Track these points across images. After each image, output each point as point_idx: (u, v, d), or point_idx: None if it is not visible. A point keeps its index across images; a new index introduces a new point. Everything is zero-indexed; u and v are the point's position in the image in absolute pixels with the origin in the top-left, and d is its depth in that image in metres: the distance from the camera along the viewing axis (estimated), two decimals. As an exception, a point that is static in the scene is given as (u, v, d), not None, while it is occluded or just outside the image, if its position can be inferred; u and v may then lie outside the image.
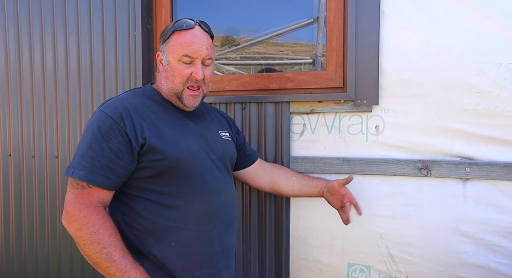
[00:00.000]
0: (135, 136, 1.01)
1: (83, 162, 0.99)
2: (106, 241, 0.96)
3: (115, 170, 1.00)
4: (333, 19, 1.52)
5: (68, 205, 0.99)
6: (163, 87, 1.15)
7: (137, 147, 1.01)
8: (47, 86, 1.80)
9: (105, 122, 1.01)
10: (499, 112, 1.32)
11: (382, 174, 1.45)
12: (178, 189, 1.05)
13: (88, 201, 0.99)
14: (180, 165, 1.05)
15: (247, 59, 2.12)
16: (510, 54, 1.30)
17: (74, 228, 0.97)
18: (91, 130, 1.02)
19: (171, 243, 1.04)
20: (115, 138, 1.00)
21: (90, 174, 0.98)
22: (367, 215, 1.48)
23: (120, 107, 1.04)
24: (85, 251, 0.97)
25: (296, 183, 1.41)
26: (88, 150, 1.00)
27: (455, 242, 1.39)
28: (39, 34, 1.80)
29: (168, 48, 1.12)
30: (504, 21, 1.29)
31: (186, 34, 1.11)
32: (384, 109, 1.45)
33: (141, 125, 1.03)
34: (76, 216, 0.97)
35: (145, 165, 1.03)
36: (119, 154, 1.00)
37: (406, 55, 1.40)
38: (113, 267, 0.95)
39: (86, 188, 0.99)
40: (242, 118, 1.59)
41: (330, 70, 1.53)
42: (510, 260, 1.33)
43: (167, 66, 1.13)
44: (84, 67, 1.74)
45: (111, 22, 1.70)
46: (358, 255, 1.50)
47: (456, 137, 1.37)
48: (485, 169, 1.34)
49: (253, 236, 1.60)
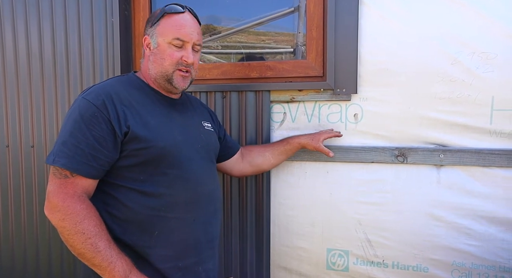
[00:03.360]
0: (118, 124, 0.99)
1: (64, 150, 0.96)
2: (91, 231, 0.93)
3: (99, 158, 0.98)
4: (313, 8, 1.53)
5: (50, 195, 0.96)
6: (151, 72, 1.12)
7: (120, 135, 0.99)
8: (20, 74, 1.74)
9: (88, 110, 0.98)
10: (471, 100, 1.37)
11: (361, 161, 1.48)
12: (162, 178, 1.04)
13: (72, 190, 0.96)
14: (165, 154, 1.04)
15: (228, 48, 2.11)
16: (483, 44, 1.34)
17: (58, 218, 0.94)
18: (73, 117, 0.99)
19: (155, 232, 1.03)
20: (98, 126, 0.98)
21: (73, 162, 0.96)
22: (346, 201, 1.51)
23: (103, 94, 1.01)
24: (69, 241, 0.94)
25: (271, 156, 1.44)
26: (70, 137, 0.97)
27: (429, 226, 1.44)
28: (11, 21, 1.73)
29: (158, 30, 1.10)
30: (478, 11, 1.33)
31: (177, 17, 1.10)
32: (362, 98, 1.47)
33: (124, 114, 1.01)
34: (60, 206, 0.94)
35: (129, 153, 1.01)
36: (102, 142, 0.98)
37: (384, 45, 1.43)
38: (98, 257, 0.93)
39: (69, 177, 0.96)
40: (222, 106, 1.59)
41: (310, 59, 1.54)
42: (480, 241, 1.39)
43: (155, 49, 1.11)
44: (60, 54, 1.69)
45: (87, 8, 1.65)
46: (337, 241, 1.54)
47: (431, 125, 1.41)
48: (457, 155, 1.39)
49: (234, 223, 1.62)
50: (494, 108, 1.35)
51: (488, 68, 1.34)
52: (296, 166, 1.56)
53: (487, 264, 1.40)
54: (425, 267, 1.46)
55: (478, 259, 1.40)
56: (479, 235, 1.39)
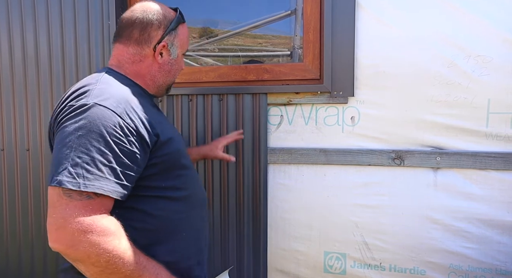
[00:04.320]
0: (147, 133, 0.90)
1: (93, 170, 0.81)
2: (131, 249, 0.83)
3: (130, 175, 0.86)
4: (310, 11, 1.53)
5: (69, 221, 0.78)
6: (159, 80, 1.08)
7: (150, 145, 0.91)
8: (16, 77, 1.73)
9: (110, 120, 0.84)
10: (468, 103, 1.37)
11: (357, 164, 1.48)
12: (178, 181, 1.01)
13: (99, 212, 0.82)
14: (179, 156, 1.02)
15: (225, 51, 2.11)
16: (479, 47, 1.34)
17: (90, 245, 0.78)
18: (93, 130, 0.83)
19: (183, 234, 1.02)
20: (126, 138, 0.85)
21: (108, 184, 0.82)
22: (343, 204, 1.51)
23: (120, 99, 0.89)
24: (109, 268, 0.80)
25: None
26: (97, 154, 0.82)
27: (426, 229, 1.44)
28: (6, 22, 1.73)
29: (179, 41, 1.08)
30: (474, 15, 1.34)
31: (186, 28, 1.11)
32: (359, 100, 1.47)
33: (147, 119, 0.92)
34: (92, 231, 0.78)
35: (154, 161, 0.93)
36: (132, 157, 0.86)
37: (381, 48, 1.43)
38: (145, 274, 0.85)
39: (94, 198, 0.81)
40: (219, 109, 1.59)
41: (307, 62, 1.54)
42: (476, 244, 1.40)
43: (173, 60, 1.09)
44: (56, 57, 1.68)
45: (83, 11, 1.65)
46: (334, 244, 1.53)
47: (427, 128, 1.42)
48: (454, 158, 1.39)
49: (231, 226, 1.61)
50: (490, 111, 1.36)
51: (484, 71, 1.34)
52: (293, 169, 1.55)
53: (484, 266, 1.40)
54: (422, 270, 1.45)
55: (475, 261, 1.40)
56: (476, 238, 1.39)
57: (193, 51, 2.04)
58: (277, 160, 1.55)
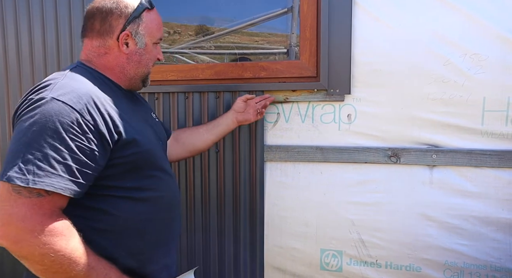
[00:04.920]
0: (108, 131, 0.87)
1: (44, 166, 0.79)
2: (79, 249, 0.82)
3: (87, 173, 0.84)
4: (307, 8, 1.53)
5: (16, 219, 0.77)
6: (130, 71, 1.03)
7: (111, 143, 0.88)
8: (10, 72, 1.72)
9: (68, 116, 0.82)
10: (463, 101, 1.38)
11: (354, 161, 1.48)
12: (146, 181, 0.98)
13: (49, 210, 0.80)
14: (149, 156, 0.98)
15: (221, 49, 2.10)
16: (474, 45, 1.35)
17: (36, 245, 0.77)
18: (48, 126, 0.80)
19: (145, 236, 1.00)
20: (83, 135, 0.83)
21: (60, 182, 0.80)
22: (339, 202, 1.51)
23: (82, 95, 0.86)
24: (53, 267, 0.79)
25: (206, 132, 1.39)
26: (50, 150, 0.79)
27: (421, 226, 1.45)
28: (0, 21, 1.71)
29: (145, 29, 1.01)
30: (470, 13, 1.34)
31: (155, 14, 1.05)
32: (356, 98, 1.47)
33: (110, 117, 0.89)
34: (38, 231, 0.77)
35: (117, 161, 0.91)
36: (89, 154, 0.84)
37: (378, 46, 1.43)
38: (93, 274, 0.84)
39: (44, 196, 0.79)
40: (216, 107, 1.58)
41: (304, 59, 1.54)
42: (471, 241, 1.41)
43: (141, 50, 1.03)
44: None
45: (78, 8, 1.63)
46: (331, 241, 1.54)
47: (424, 126, 1.42)
48: (450, 155, 1.40)
49: (227, 224, 1.61)
50: (486, 109, 1.37)
51: (480, 69, 1.35)
52: (290, 167, 1.55)
53: (478, 263, 1.41)
54: (418, 266, 1.46)
55: (470, 258, 1.41)
56: (471, 235, 1.40)
57: (189, 48, 2.03)
58: (273, 158, 1.55)
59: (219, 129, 1.40)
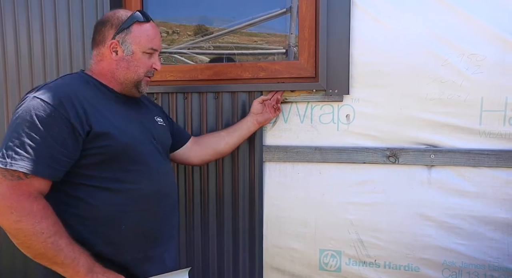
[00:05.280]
0: (80, 123, 0.98)
1: (21, 152, 0.93)
2: (50, 230, 0.93)
3: (59, 159, 0.96)
4: (305, 9, 1.53)
5: (0, 197, 0.92)
6: (119, 76, 1.14)
7: (82, 134, 0.99)
8: (9, 73, 1.72)
9: (44, 110, 0.96)
10: (461, 101, 1.38)
11: (353, 162, 1.49)
12: (124, 174, 1.07)
13: (27, 191, 0.93)
14: (128, 150, 1.07)
15: (220, 49, 2.10)
16: (472, 45, 1.35)
17: (12, 220, 0.91)
18: (26, 118, 0.95)
19: (121, 227, 1.06)
20: (56, 126, 0.96)
21: (32, 164, 0.93)
22: (338, 202, 1.52)
23: (60, 93, 1.00)
24: (26, 243, 0.92)
25: (227, 135, 1.45)
26: (27, 139, 0.94)
27: (420, 226, 1.45)
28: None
29: (132, 39, 1.13)
30: (467, 13, 1.35)
31: (148, 27, 1.15)
32: (354, 98, 1.48)
33: (84, 112, 1.00)
34: (14, 207, 0.91)
35: (91, 152, 1.01)
36: (62, 142, 0.96)
37: (376, 46, 1.44)
38: (61, 255, 0.93)
39: (23, 179, 0.93)
40: (215, 107, 1.59)
41: (302, 60, 1.54)
42: (469, 241, 1.41)
43: (128, 57, 1.13)
44: (50, 55, 1.67)
45: (77, 10, 1.64)
46: (330, 241, 1.54)
47: (422, 126, 1.43)
48: (448, 155, 1.40)
49: (226, 224, 1.61)
50: (483, 109, 1.37)
51: (477, 69, 1.35)
52: (289, 167, 1.56)
53: (477, 263, 1.41)
54: (416, 266, 1.47)
55: (468, 258, 1.42)
56: (469, 235, 1.41)
57: (188, 49, 2.03)
58: (272, 158, 1.55)
59: (240, 133, 1.46)
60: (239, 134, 1.46)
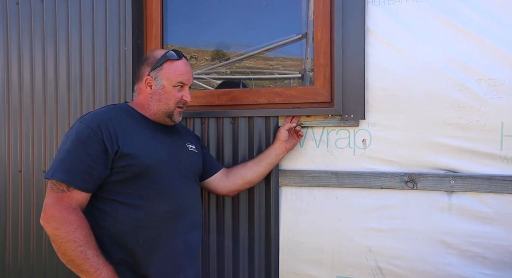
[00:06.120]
0: (111, 143, 1.13)
1: (62, 165, 1.10)
2: (81, 240, 1.06)
3: (92, 173, 1.11)
4: (320, 35, 1.56)
5: (48, 207, 1.09)
6: (152, 107, 1.29)
7: (112, 153, 1.12)
8: (36, 99, 1.80)
9: (83, 131, 1.13)
10: (480, 126, 1.36)
11: (370, 187, 1.47)
12: (145, 192, 1.18)
13: (68, 203, 1.08)
14: (149, 170, 1.18)
15: (237, 74, 2.15)
16: (489, 71, 1.34)
17: (53, 227, 1.06)
18: (71, 138, 1.13)
19: (139, 241, 1.17)
20: (93, 145, 1.11)
21: (70, 177, 1.09)
22: (355, 228, 1.49)
23: (98, 118, 1.17)
24: (61, 248, 1.06)
25: (254, 165, 1.49)
26: (67, 155, 1.11)
27: (441, 254, 1.41)
28: (29, 49, 1.81)
29: (163, 74, 1.27)
30: (483, 38, 1.35)
31: (178, 63, 1.29)
32: (370, 123, 1.48)
33: (116, 134, 1.15)
34: (56, 216, 1.06)
35: (117, 170, 1.14)
36: (96, 159, 1.11)
37: (392, 71, 1.44)
38: (86, 263, 1.05)
39: (66, 192, 1.09)
40: (231, 132, 1.61)
41: (318, 85, 1.56)
42: (495, 271, 1.35)
43: (160, 90, 1.28)
44: (74, 81, 1.75)
45: (101, 38, 1.72)
46: (347, 268, 1.51)
47: (440, 151, 1.41)
48: (468, 181, 1.37)
49: (242, 249, 1.60)
50: (504, 134, 1.34)
51: (496, 94, 1.34)
52: (305, 192, 1.55)
53: (503, 294, 1.35)
54: (439, 296, 1.41)
55: (493, 289, 1.36)
56: (494, 264, 1.35)
57: (206, 74, 2.08)
58: (288, 183, 1.55)
59: (267, 161, 1.48)
60: (266, 163, 1.48)
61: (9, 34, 1.83)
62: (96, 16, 1.72)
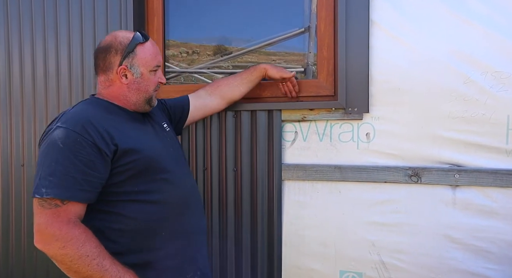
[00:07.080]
0: (105, 144, 1.03)
1: (54, 180, 0.97)
2: (94, 252, 0.98)
3: (91, 181, 1.01)
4: (324, 28, 1.55)
5: (43, 226, 0.97)
6: (131, 98, 1.18)
7: (109, 154, 1.03)
8: (37, 94, 1.79)
9: (69, 137, 1.00)
10: (486, 119, 1.35)
11: (373, 181, 1.46)
12: (153, 184, 1.12)
13: (66, 218, 0.98)
14: (152, 162, 1.12)
15: (239, 68, 2.13)
16: (496, 63, 1.33)
17: (57, 247, 0.96)
18: (55, 148, 1.00)
19: (162, 233, 1.13)
20: (84, 150, 1.00)
21: (67, 191, 0.97)
22: (359, 222, 1.48)
23: (80, 119, 1.04)
24: (73, 267, 0.96)
25: (240, 83, 1.50)
26: (57, 167, 0.98)
27: (445, 249, 1.40)
28: (30, 44, 1.80)
29: (139, 61, 1.16)
30: (488, 30, 1.33)
31: (149, 45, 1.18)
32: (374, 117, 1.46)
33: (108, 133, 1.05)
34: (57, 235, 0.96)
35: (121, 169, 1.06)
36: (91, 165, 1.01)
37: (396, 64, 1.43)
38: (106, 275, 0.98)
39: (60, 206, 0.98)
40: (234, 126, 1.60)
41: (321, 78, 1.55)
42: (499, 265, 1.35)
43: (139, 79, 1.17)
44: (75, 75, 1.74)
45: (102, 31, 1.70)
46: (350, 263, 1.50)
47: (445, 145, 1.39)
48: (473, 175, 1.36)
49: (245, 244, 1.60)
50: (510, 127, 1.33)
51: (502, 87, 1.32)
52: (308, 186, 1.54)
53: (507, 289, 1.34)
54: (443, 291, 1.41)
55: (498, 283, 1.35)
56: (498, 259, 1.34)
57: (207, 68, 2.07)
58: (291, 177, 1.54)
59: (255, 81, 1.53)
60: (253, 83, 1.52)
61: (10, 32, 1.82)
62: (97, 10, 1.71)
